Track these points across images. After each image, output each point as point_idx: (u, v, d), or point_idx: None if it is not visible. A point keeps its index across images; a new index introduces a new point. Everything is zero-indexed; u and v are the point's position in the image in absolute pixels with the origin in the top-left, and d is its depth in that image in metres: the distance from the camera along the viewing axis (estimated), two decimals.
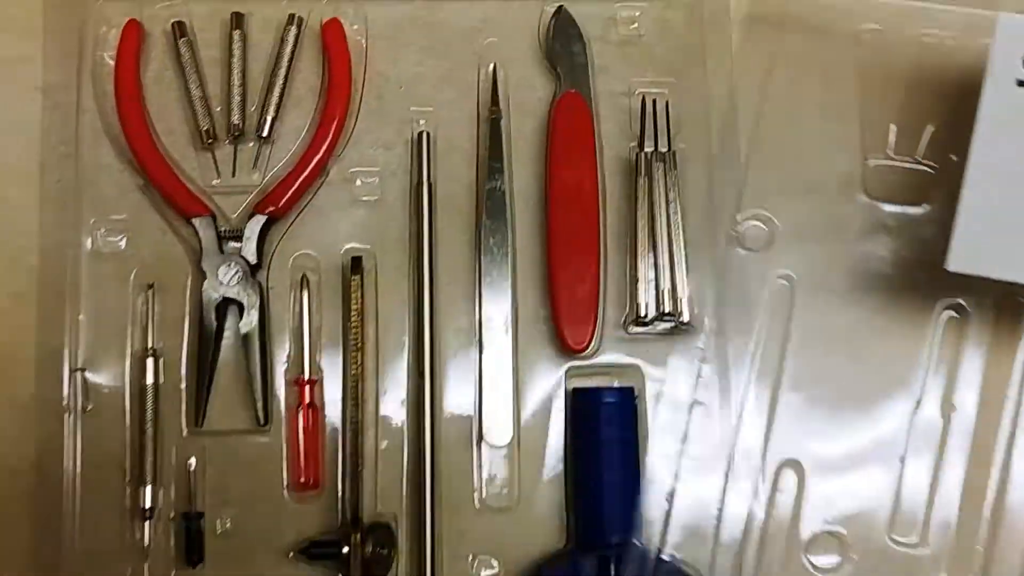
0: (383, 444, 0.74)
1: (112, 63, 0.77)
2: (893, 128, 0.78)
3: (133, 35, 0.78)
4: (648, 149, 0.76)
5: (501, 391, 0.75)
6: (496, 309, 0.76)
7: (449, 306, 0.75)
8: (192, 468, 0.72)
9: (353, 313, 0.74)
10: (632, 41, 0.81)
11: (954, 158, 0.74)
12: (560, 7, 0.80)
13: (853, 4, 0.78)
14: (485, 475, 0.74)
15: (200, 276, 0.74)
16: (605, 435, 0.73)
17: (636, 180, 0.76)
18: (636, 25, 0.81)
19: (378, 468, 0.73)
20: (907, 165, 0.78)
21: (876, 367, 0.77)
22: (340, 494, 0.72)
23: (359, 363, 0.74)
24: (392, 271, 0.76)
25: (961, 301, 0.76)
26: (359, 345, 0.74)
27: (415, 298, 0.75)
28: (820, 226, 0.77)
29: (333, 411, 0.74)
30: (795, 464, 0.75)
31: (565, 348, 0.76)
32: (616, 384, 0.75)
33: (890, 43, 0.78)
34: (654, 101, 0.78)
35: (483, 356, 0.75)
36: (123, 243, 0.76)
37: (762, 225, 0.78)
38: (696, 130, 0.79)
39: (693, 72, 0.80)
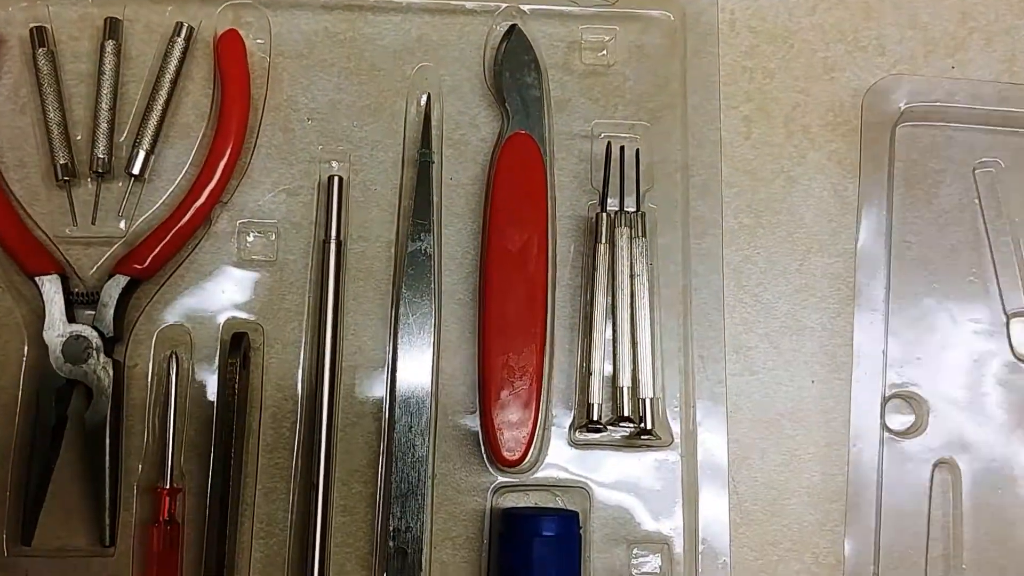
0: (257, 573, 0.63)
1: None
2: None
3: None
4: (612, 208, 0.67)
5: (411, 510, 0.61)
6: (412, 402, 0.63)
7: (354, 395, 0.65)
8: None
9: (228, 401, 0.62)
10: (599, 71, 0.70)
11: None
12: (513, 26, 0.69)
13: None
14: None
15: (40, 350, 0.63)
16: (540, 575, 0.60)
17: (595, 246, 0.66)
18: (605, 52, 0.70)
19: None
20: None
21: None
22: None
23: (235, 467, 0.61)
24: (285, 349, 0.65)
25: None
26: (236, 443, 0.62)
27: (311, 384, 0.64)
28: (974, 399, 0.68)
29: (200, 528, 0.63)
30: None
31: (496, 459, 0.63)
32: (558, 503, 0.64)
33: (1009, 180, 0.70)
34: (622, 148, 0.67)
35: (393, 463, 0.62)
36: None
37: (908, 405, 0.68)
38: (672, 186, 0.68)
39: (672, 113, 0.69)
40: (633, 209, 0.66)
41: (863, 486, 0.65)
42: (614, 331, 0.64)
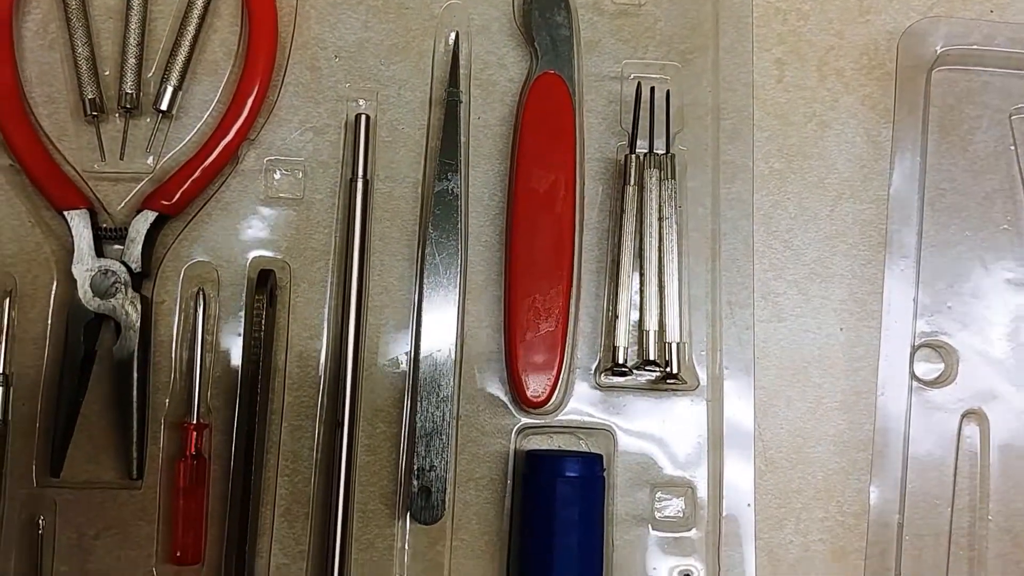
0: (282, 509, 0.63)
1: None
2: None
3: None
4: (641, 150, 0.65)
5: (435, 449, 0.60)
6: (437, 343, 0.63)
7: (380, 335, 0.64)
8: (41, 529, 0.61)
9: (254, 339, 0.61)
10: (629, 11, 0.68)
11: None
12: None
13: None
14: (408, 555, 0.63)
15: (69, 284, 0.63)
16: (562, 516, 0.60)
17: (624, 188, 0.65)
18: None
19: (273, 542, 0.62)
20: None
21: None
22: (224, 573, 0.61)
23: (260, 405, 0.61)
24: (311, 288, 0.65)
25: None
26: (262, 380, 0.61)
27: (337, 323, 0.64)
28: (1004, 349, 0.67)
29: (226, 464, 0.63)
30: None
31: (520, 399, 0.63)
32: (582, 446, 0.64)
33: None
34: (652, 89, 0.66)
35: (417, 402, 0.62)
36: None
37: (937, 355, 0.67)
38: (703, 129, 0.67)
39: (704, 55, 0.68)
40: (662, 151, 0.65)
41: (889, 435, 0.65)
42: (641, 274, 0.64)
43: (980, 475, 0.65)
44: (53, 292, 0.63)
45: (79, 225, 0.62)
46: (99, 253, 0.62)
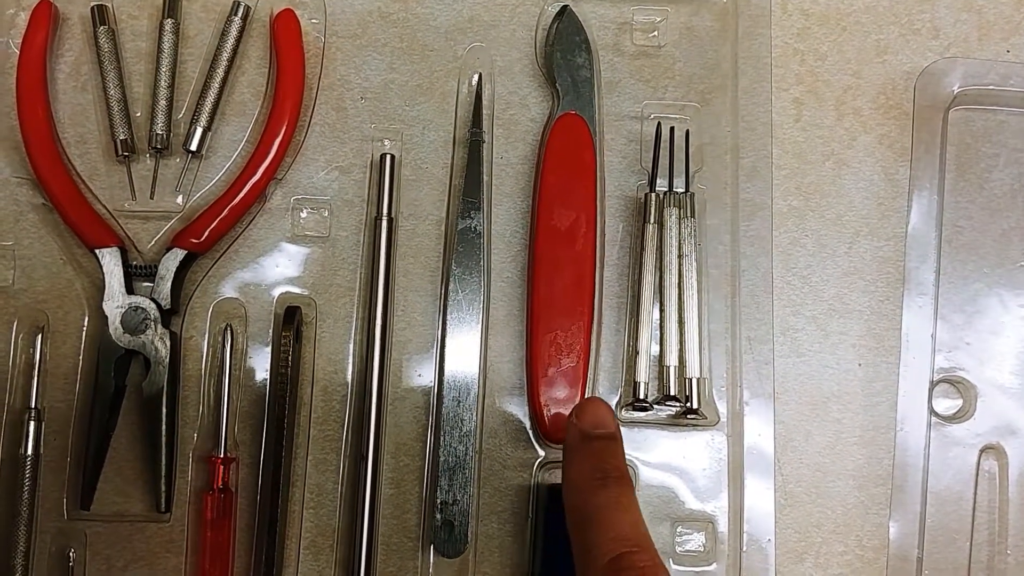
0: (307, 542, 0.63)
1: (17, 52, 0.66)
2: None
3: (44, 19, 0.66)
4: (661, 188, 0.66)
5: (458, 483, 0.61)
6: (460, 377, 0.63)
7: (403, 370, 0.65)
8: (71, 560, 0.62)
9: (280, 374, 0.62)
10: (649, 53, 0.69)
11: None
12: (564, 7, 0.68)
13: None
14: None
15: (100, 321, 0.64)
16: None
17: (644, 227, 0.65)
18: (656, 33, 0.69)
19: (299, 574, 0.63)
20: None
21: None
22: None
23: (287, 438, 0.62)
24: (336, 324, 0.65)
25: None
26: (288, 415, 0.62)
27: (362, 358, 0.65)
28: (1022, 384, 0.67)
29: (252, 497, 0.63)
30: None
31: (542, 433, 0.64)
32: None
33: None
34: (672, 129, 0.67)
35: (441, 436, 0.63)
36: (11, 274, 0.65)
37: (956, 390, 0.67)
38: (722, 168, 0.67)
39: (723, 95, 0.68)
40: (682, 190, 0.65)
41: (909, 470, 0.65)
42: (661, 311, 0.64)
43: (999, 509, 0.65)
44: (84, 328, 0.64)
45: (110, 263, 0.63)
46: (129, 290, 0.63)
